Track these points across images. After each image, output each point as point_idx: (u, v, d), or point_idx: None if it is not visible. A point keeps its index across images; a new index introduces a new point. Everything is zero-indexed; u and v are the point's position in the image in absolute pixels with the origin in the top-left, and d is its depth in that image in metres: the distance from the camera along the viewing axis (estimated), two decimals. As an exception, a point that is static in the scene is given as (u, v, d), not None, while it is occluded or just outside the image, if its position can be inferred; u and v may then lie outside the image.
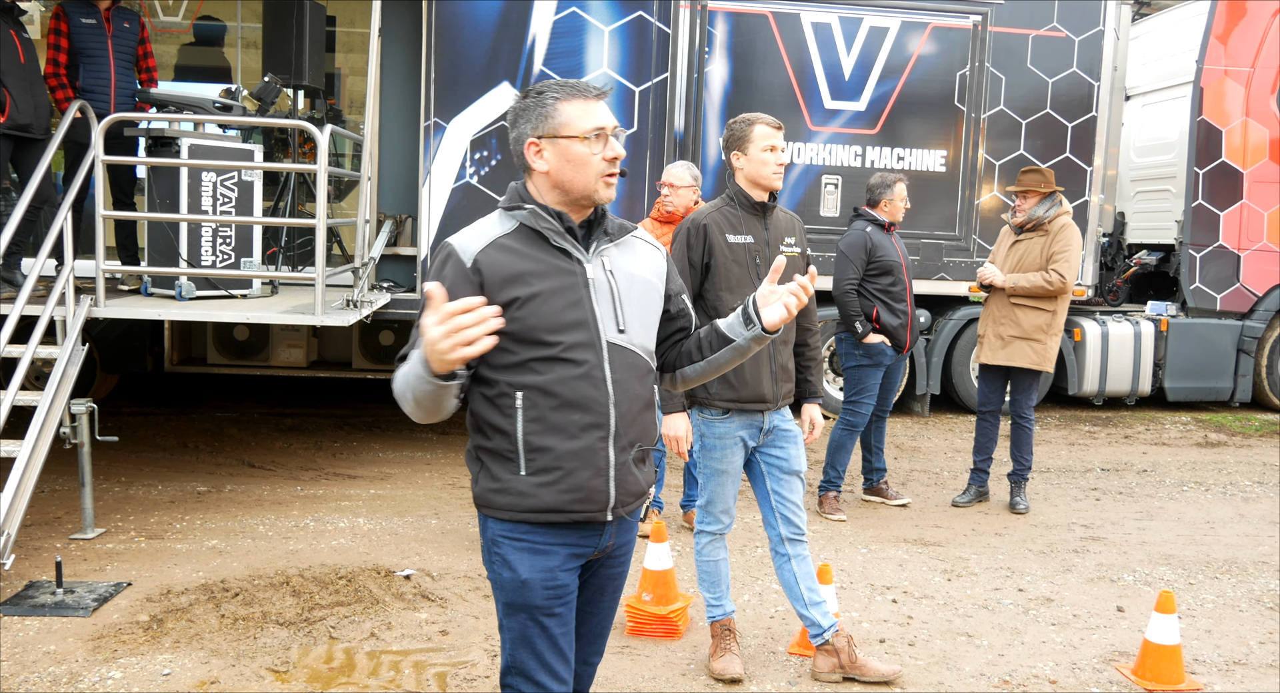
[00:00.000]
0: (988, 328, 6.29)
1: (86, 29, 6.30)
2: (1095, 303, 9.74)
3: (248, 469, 6.87)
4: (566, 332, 2.26)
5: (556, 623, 2.34)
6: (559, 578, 2.33)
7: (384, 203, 7.72)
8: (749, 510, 5.98)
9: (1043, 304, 6.07)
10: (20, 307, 5.18)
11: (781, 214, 3.98)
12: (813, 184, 8.28)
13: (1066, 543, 5.75)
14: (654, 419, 2.46)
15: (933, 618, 4.60)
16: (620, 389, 2.32)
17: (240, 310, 5.88)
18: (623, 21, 7.58)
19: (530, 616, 2.33)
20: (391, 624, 4.33)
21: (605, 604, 2.56)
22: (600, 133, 2.30)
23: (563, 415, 2.25)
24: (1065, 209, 6.18)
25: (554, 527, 2.31)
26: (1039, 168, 6.23)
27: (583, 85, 2.32)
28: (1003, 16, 8.34)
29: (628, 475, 2.36)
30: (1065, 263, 5.99)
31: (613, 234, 2.41)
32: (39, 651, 4.00)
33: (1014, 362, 6.12)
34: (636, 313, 2.38)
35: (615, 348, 2.32)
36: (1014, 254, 6.23)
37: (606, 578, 2.51)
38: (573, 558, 2.36)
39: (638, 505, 2.45)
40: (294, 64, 7.12)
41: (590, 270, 2.33)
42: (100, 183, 5.81)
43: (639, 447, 2.38)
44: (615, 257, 2.39)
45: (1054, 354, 6.11)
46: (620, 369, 2.32)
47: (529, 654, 2.33)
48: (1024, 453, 6.31)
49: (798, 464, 3.92)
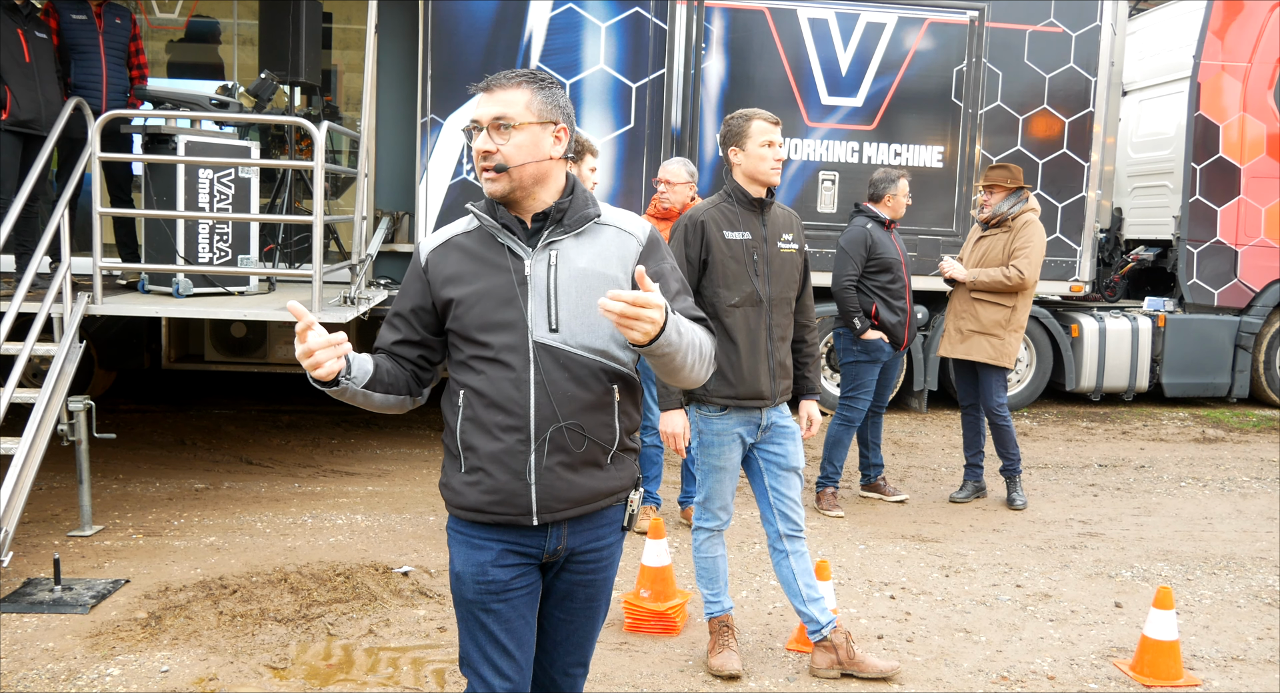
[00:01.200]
0: (949, 321, 6.34)
1: (77, 24, 6.30)
2: (1092, 299, 9.75)
3: (245, 466, 6.86)
4: (495, 332, 2.23)
5: (494, 619, 2.30)
6: (490, 573, 2.29)
7: (381, 200, 7.71)
8: (747, 507, 5.98)
9: (1002, 300, 6.11)
10: (17, 303, 5.17)
11: (779, 210, 3.98)
12: (810, 180, 8.28)
13: (1064, 539, 5.76)
14: (605, 422, 2.28)
15: (931, 614, 4.60)
16: (544, 391, 2.21)
17: (237, 307, 5.87)
18: (619, 18, 7.57)
19: (468, 609, 2.33)
20: (390, 621, 4.33)
21: (577, 612, 2.43)
22: (474, 124, 2.25)
23: (490, 415, 2.23)
24: (1031, 206, 6.21)
25: (487, 525, 2.30)
26: (1006, 164, 6.26)
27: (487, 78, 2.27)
28: (1000, 12, 8.34)
29: (556, 480, 2.24)
30: (1025, 259, 6.02)
31: (570, 225, 2.27)
32: (37, 648, 3.99)
33: (971, 356, 6.17)
34: (577, 311, 2.23)
35: (543, 348, 2.21)
36: (978, 250, 6.29)
37: (573, 584, 2.40)
38: (510, 554, 2.30)
39: (594, 509, 2.32)
40: (291, 61, 7.10)
41: (529, 267, 2.24)
42: (97, 180, 5.80)
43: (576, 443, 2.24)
44: (568, 249, 2.26)
45: (1014, 350, 6.13)
46: (549, 370, 2.21)
47: (472, 646, 2.35)
48: (1008, 448, 6.31)
49: (795, 461, 3.92)
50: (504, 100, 2.22)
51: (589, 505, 2.30)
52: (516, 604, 2.32)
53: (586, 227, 2.29)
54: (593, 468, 2.29)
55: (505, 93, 2.23)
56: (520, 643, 2.34)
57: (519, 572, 2.32)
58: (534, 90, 2.24)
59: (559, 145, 2.28)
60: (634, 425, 2.38)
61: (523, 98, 2.23)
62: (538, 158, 2.24)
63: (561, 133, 2.29)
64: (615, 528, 2.41)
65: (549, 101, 2.25)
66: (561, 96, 2.30)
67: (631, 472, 2.40)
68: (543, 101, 2.24)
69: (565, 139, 2.29)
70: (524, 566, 2.32)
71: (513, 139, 2.21)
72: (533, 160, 2.23)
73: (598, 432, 2.27)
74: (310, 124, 5.78)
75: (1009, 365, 6.16)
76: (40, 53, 6.02)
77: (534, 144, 2.23)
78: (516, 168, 2.22)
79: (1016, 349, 6.15)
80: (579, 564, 2.38)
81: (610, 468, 2.33)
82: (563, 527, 2.31)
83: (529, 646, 2.37)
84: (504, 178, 2.22)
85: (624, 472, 2.37)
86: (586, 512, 2.31)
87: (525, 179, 2.24)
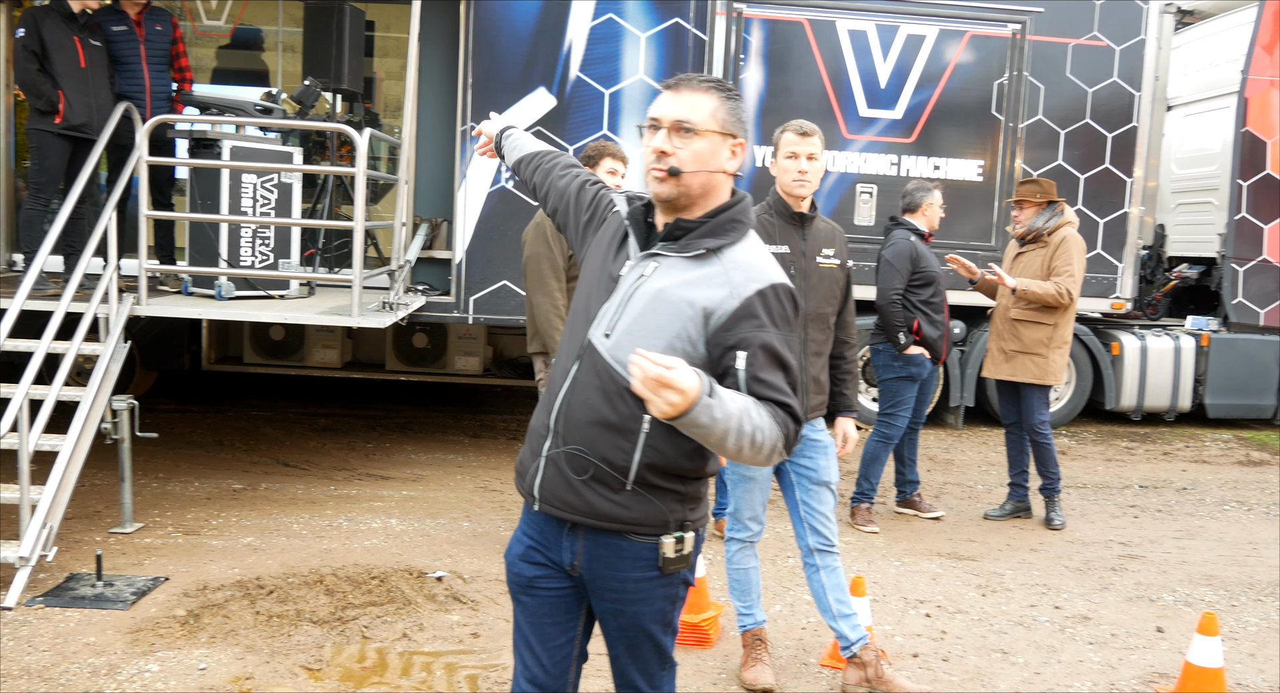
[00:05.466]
0: (991, 342, 6.26)
1: (118, 36, 6.40)
2: (1134, 316, 9.63)
3: (282, 468, 6.92)
4: (576, 316, 2.29)
5: (522, 610, 2.36)
6: (517, 566, 2.35)
7: (420, 206, 7.76)
8: (781, 520, 5.96)
9: (1043, 318, 6.01)
10: (65, 304, 5.25)
11: (822, 224, 3.96)
12: (847, 193, 8.25)
13: (1104, 561, 5.68)
14: (621, 446, 2.15)
15: (967, 634, 4.56)
16: (574, 391, 2.20)
17: (278, 311, 5.93)
18: (659, 28, 7.58)
19: (511, 593, 2.41)
20: (423, 625, 4.34)
21: (614, 640, 2.35)
22: (654, 122, 2.19)
23: (547, 390, 2.32)
24: (1067, 219, 6.10)
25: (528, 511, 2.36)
26: (1036, 178, 6.18)
27: (681, 76, 2.22)
28: (1042, 25, 8.28)
29: (557, 476, 2.22)
30: (1070, 277, 5.92)
31: (683, 246, 2.18)
32: (79, 642, 4.04)
33: (1016, 376, 6.09)
34: (635, 329, 2.14)
35: (591, 349, 2.19)
36: (1017, 267, 6.20)
37: (605, 612, 2.32)
38: (536, 553, 2.32)
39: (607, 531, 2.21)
40: (333, 68, 7.17)
41: (627, 268, 2.23)
42: (144, 184, 5.89)
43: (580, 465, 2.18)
44: (668, 267, 2.18)
45: (1059, 368, 6.05)
46: (586, 373, 2.19)
47: (515, 627, 2.41)
48: (1048, 467, 6.22)
49: (827, 475, 3.90)
50: (690, 103, 2.17)
51: (591, 521, 2.20)
52: (543, 604, 2.33)
53: (700, 254, 2.18)
54: (602, 487, 2.18)
55: (693, 96, 2.18)
56: (544, 641, 2.34)
57: (544, 573, 2.32)
58: (721, 99, 2.19)
59: (733, 160, 2.22)
60: (666, 464, 2.18)
61: (709, 105, 2.18)
62: (710, 168, 2.18)
63: (739, 148, 2.23)
64: (643, 566, 2.23)
65: (733, 114, 2.20)
66: (744, 111, 2.25)
67: (659, 512, 2.20)
68: (728, 112, 2.19)
69: (740, 155, 2.24)
70: (549, 568, 2.32)
71: (692, 145, 2.16)
72: (705, 170, 2.17)
73: (610, 453, 2.16)
74: (353, 131, 5.83)
75: (1056, 383, 6.08)
76: (95, 60, 6.13)
77: (712, 154, 2.18)
78: (689, 174, 2.16)
79: (1063, 367, 6.07)
80: (605, 592, 2.28)
81: (626, 496, 2.18)
82: (577, 540, 2.25)
83: (558, 650, 2.36)
84: (672, 182, 2.17)
85: (646, 507, 2.19)
86: (593, 527, 2.21)
87: (693, 187, 2.18)
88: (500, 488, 6.67)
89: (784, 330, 2.16)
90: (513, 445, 7.89)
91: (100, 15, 6.40)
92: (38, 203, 6.11)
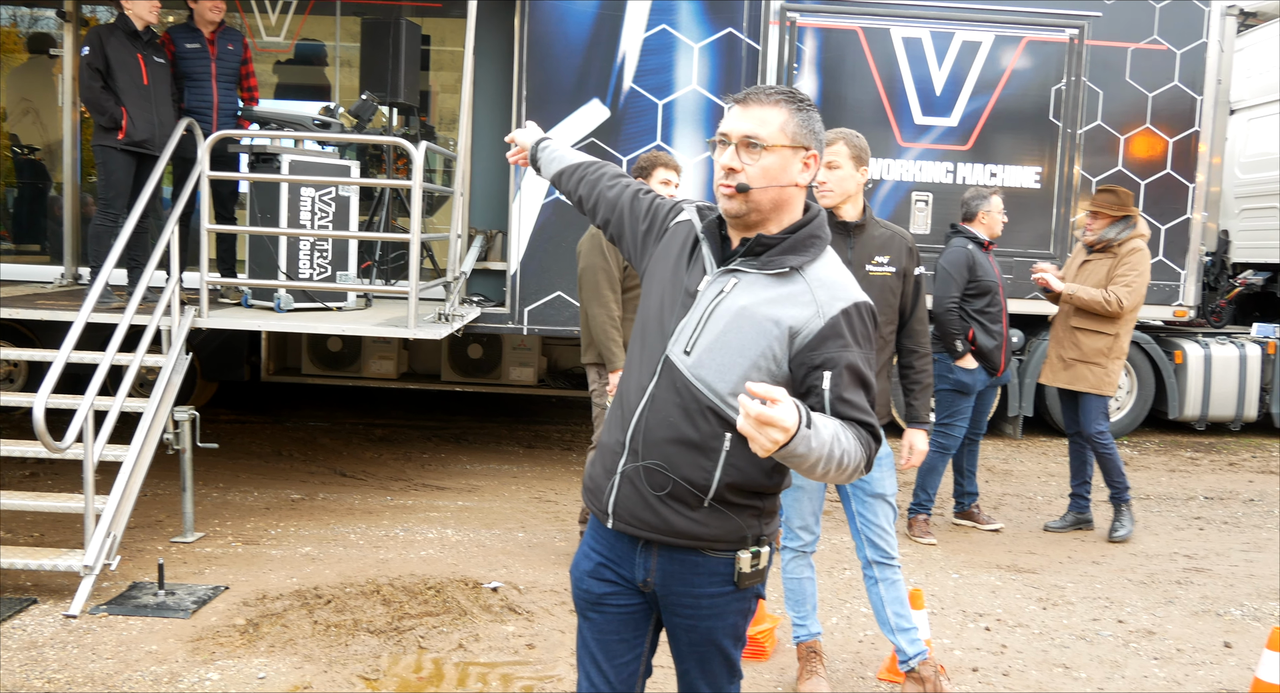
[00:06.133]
0: (1051, 349, 6.18)
1: (191, 53, 6.56)
2: (1197, 324, 9.42)
3: (339, 478, 7.00)
4: (649, 329, 2.25)
5: (589, 626, 2.34)
6: (585, 583, 2.33)
7: (475, 218, 7.83)
8: (837, 531, 5.90)
9: (1104, 327, 5.92)
10: (129, 316, 5.36)
11: (878, 231, 3.89)
12: (902, 201, 8.17)
13: (1168, 573, 5.55)
14: (700, 464, 2.13)
15: (1028, 648, 4.47)
16: (652, 408, 2.17)
17: (336, 323, 6.01)
18: (712, 38, 7.58)
19: (577, 608, 2.39)
20: (479, 636, 4.36)
21: (685, 655, 2.33)
22: (723, 138, 2.16)
23: (616, 406, 2.29)
24: (1139, 232, 6.00)
25: (597, 525, 2.33)
26: (1114, 188, 6.08)
27: (751, 89, 2.16)
28: (1101, 30, 8.14)
29: (632, 494, 2.19)
30: (1126, 287, 5.83)
31: (765, 263, 2.15)
32: (141, 650, 4.11)
33: (1074, 385, 6.01)
34: (717, 347, 2.12)
35: (670, 366, 2.16)
36: (1082, 274, 6.10)
37: (677, 627, 2.30)
38: (606, 570, 2.30)
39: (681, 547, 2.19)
40: (390, 82, 7.27)
41: (705, 284, 2.19)
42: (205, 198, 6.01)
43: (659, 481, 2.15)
44: (748, 283, 2.15)
45: (1115, 378, 5.95)
46: (665, 390, 2.16)
47: (579, 640, 2.40)
48: (1112, 476, 6.10)
49: (883, 487, 3.85)
50: (759, 118, 2.13)
51: (667, 538, 2.18)
52: (611, 620, 2.31)
53: (783, 272, 2.14)
54: (679, 504, 2.16)
55: (762, 110, 2.13)
56: (611, 658, 2.32)
57: (614, 590, 2.30)
58: (791, 111, 2.14)
59: (806, 173, 2.18)
60: (746, 482, 2.16)
61: (778, 118, 2.13)
62: (781, 183, 2.14)
63: (811, 159, 2.18)
64: (718, 581, 2.22)
65: (805, 125, 2.15)
66: (817, 121, 2.18)
67: (737, 528, 2.19)
68: (798, 124, 2.14)
69: (814, 167, 2.19)
70: (620, 585, 2.29)
71: (761, 160, 2.12)
72: (775, 185, 2.13)
73: (689, 472, 2.14)
74: (410, 144, 5.90)
75: (1108, 394, 5.98)
76: (157, 77, 6.28)
77: (782, 168, 2.13)
78: (757, 191, 2.12)
79: (1118, 377, 5.98)
80: (679, 608, 2.26)
81: (703, 513, 2.16)
82: (651, 557, 2.23)
83: (624, 667, 2.34)
84: (741, 198, 2.14)
85: (725, 524, 2.18)
86: (668, 544, 2.20)
87: (764, 203, 2.14)
88: (555, 499, 6.69)
89: (866, 349, 2.14)
90: (567, 456, 7.91)
91: (175, 32, 6.57)
92: (107, 218, 6.26)
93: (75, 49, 7.90)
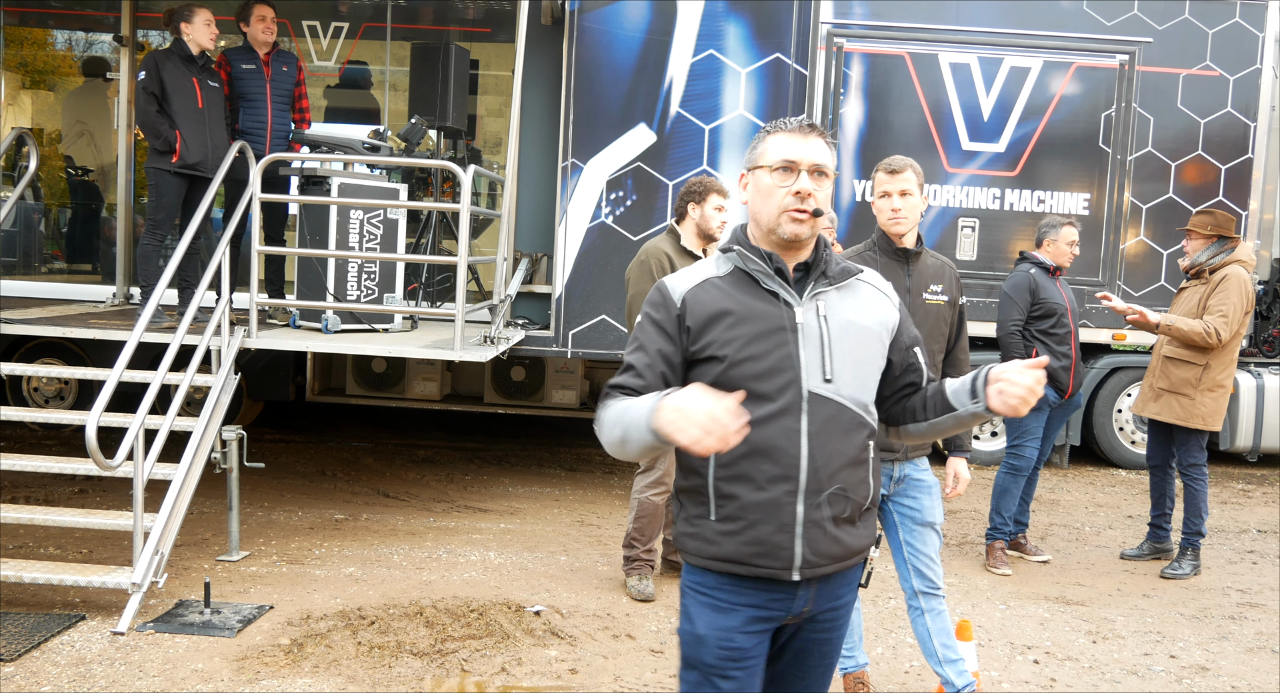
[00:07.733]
0: (1146, 378, 6.09)
1: (247, 74, 6.68)
2: (1250, 354, 9.23)
3: (383, 499, 7.03)
4: (765, 378, 2.19)
5: (731, 685, 2.24)
6: (735, 640, 2.23)
7: (520, 241, 7.87)
8: (882, 560, 5.83)
9: (1193, 358, 5.79)
10: (180, 336, 5.43)
11: (931, 260, 3.89)
12: (949, 227, 8.11)
13: (1221, 608, 5.43)
14: (863, 478, 2.27)
15: (1078, 682, 4.38)
16: (817, 443, 2.19)
17: (382, 344, 6.05)
18: (759, 63, 7.59)
19: (703, 674, 2.26)
20: (522, 660, 4.35)
21: (811, 669, 2.39)
22: (791, 165, 2.25)
23: (752, 464, 2.17)
24: (1235, 257, 5.84)
25: (739, 581, 2.23)
26: (1211, 210, 5.95)
27: (794, 121, 2.29)
28: (1152, 55, 8.06)
29: (820, 535, 2.20)
30: (1222, 317, 5.67)
31: (834, 278, 2.31)
32: (187, 668, 4.14)
33: (1161, 416, 5.89)
34: (849, 363, 2.24)
35: (817, 399, 2.20)
36: (1178, 302, 6.00)
37: (810, 643, 2.36)
38: (756, 621, 2.25)
39: (844, 568, 2.29)
40: (439, 106, 7.35)
41: (800, 315, 2.24)
42: (256, 220, 6.09)
43: (842, 506, 2.22)
44: (834, 301, 2.29)
45: (1207, 410, 5.77)
46: (820, 422, 2.19)
47: None
48: (1190, 515, 5.97)
49: (931, 515, 3.81)
50: (820, 149, 2.28)
51: (845, 563, 2.29)
52: (753, 672, 2.28)
53: (850, 282, 2.35)
54: (848, 525, 2.27)
55: (819, 141, 2.28)
56: None
57: (761, 639, 2.28)
58: (830, 146, 2.31)
59: None
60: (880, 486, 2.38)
61: (828, 151, 2.30)
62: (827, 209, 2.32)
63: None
64: (853, 587, 2.40)
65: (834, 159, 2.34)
66: None
67: (873, 529, 2.37)
68: (833, 157, 2.33)
69: None
70: (766, 631, 2.29)
71: (824, 188, 2.28)
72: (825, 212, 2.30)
73: (857, 489, 2.26)
74: (458, 168, 5.95)
75: (1204, 427, 5.82)
76: (212, 101, 6.39)
77: (830, 196, 2.34)
78: (820, 217, 2.28)
79: (1214, 410, 5.78)
80: (818, 624, 2.34)
81: (860, 525, 2.31)
82: (814, 586, 2.26)
83: None
84: (812, 222, 2.26)
85: (870, 529, 2.36)
86: (841, 568, 2.29)
87: (817, 228, 2.29)
88: (597, 523, 6.67)
89: None
90: (609, 480, 7.89)
91: (231, 53, 6.69)
92: (155, 239, 6.36)
93: (131, 73, 8.06)
